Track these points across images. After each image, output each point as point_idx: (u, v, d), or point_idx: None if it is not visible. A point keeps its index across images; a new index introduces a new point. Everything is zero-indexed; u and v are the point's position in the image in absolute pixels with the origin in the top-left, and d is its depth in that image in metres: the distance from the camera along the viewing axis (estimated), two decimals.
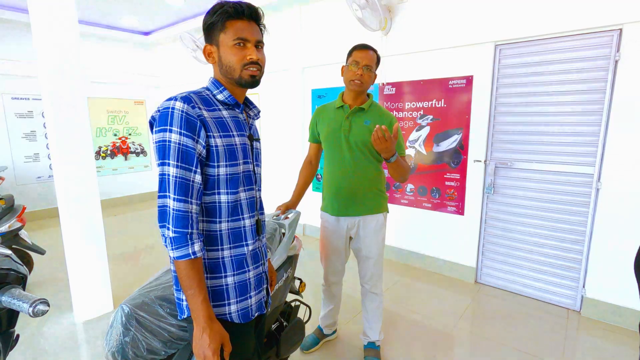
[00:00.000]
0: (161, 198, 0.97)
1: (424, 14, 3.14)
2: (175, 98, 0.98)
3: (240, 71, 1.04)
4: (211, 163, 1.02)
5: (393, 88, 3.46)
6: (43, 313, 0.91)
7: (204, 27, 1.07)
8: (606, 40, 2.41)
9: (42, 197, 5.21)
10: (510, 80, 2.81)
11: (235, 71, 1.04)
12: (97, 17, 4.92)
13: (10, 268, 0.98)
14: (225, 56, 1.04)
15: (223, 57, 1.04)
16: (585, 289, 2.64)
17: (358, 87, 1.81)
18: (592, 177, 2.55)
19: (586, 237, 2.62)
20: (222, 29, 1.03)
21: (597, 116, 2.49)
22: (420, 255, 3.49)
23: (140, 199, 6.46)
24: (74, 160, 2.45)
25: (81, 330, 2.48)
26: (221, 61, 1.05)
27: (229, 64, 1.04)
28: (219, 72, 1.08)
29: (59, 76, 2.35)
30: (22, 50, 4.82)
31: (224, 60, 1.04)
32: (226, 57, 1.04)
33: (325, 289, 2.21)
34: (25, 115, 5.00)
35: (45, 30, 2.28)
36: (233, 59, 1.03)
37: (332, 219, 2.00)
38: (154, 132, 0.98)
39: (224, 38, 1.03)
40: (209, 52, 1.08)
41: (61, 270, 3.37)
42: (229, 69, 1.04)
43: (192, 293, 0.97)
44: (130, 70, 6.11)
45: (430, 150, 3.28)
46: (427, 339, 2.39)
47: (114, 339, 1.16)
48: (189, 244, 0.96)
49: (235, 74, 1.05)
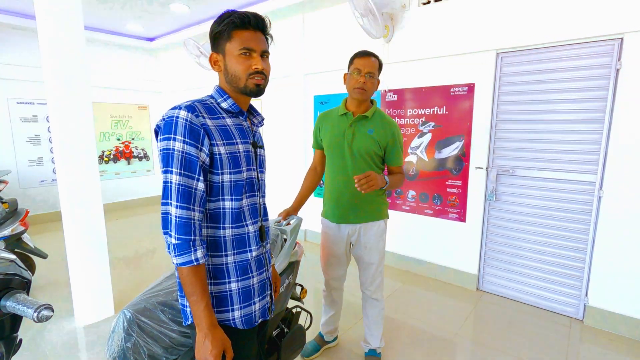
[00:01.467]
0: (164, 205, 0.98)
1: (425, 22, 3.16)
2: (179, 107, 1.00)
3: (245, 80, 1.06)
4: (215, 170, 1.03)
5: (395, 95, 3.48)
6: (47, 319, 0.92)
7: (211, 36, 1.08)
8: (607, 49, 2.42)
9: (45, 201, 5.24)
10: (512, 88, 2.82)
11: (240, 80, 1.06)
12: (103, 23, 4.98)
13: (14, 273, 0.98)
14: (231, 65, 1.06)
15: (229, 66, 1.06)
16: (588, 298, 2.62)
17: (361, 95, 1.81)
18: (594, 184, 2.55)
19: (588, 245, 2.61)
20: (229, 39, 1.04)
21: (599, 124, 2.49)
22: (422, 262, 3.48)
23: (142, 203, 6.48)
24: (78, 165, 2.47)
25: (82, 335, 2.48)
26: (227, 70, 1.07)
27: (234, 73, 1.06)
28: (224, 80, 1.10)
29: (64, 81, 2.37)
30: (28, 56, 4.88)
31: (229, 69, 1.06)
32: (232, 66, 1.06)
33: (326, 295, 2.21)
34: (30, 120, 5.04)
35: (52, 37, 2.31)
36: (239, 68, 1.05)
37: (333, 226, 2.00)
38: (158, 140, 1.00)
39: (230, 47, 1.05)
40: (215, 61, 1.10)
41: (63, 274, 3.37)
42: (234, 77, 1.06)
43: (195, 300, 0.98)
44: (135, 76, 6.17)
45: (432, 157, 3.29)
46: (428, 347, 2.38)
47: (115, 344, 1.17)
48: (192, 251, 0.97)
49: (240, 83, 1.06)
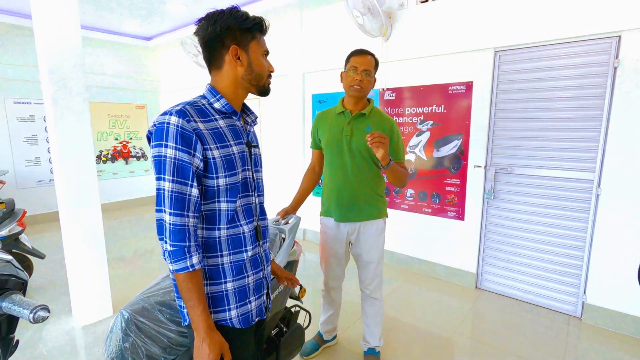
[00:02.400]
0: (158, 212, 0.98)
1: (424, 20, 3.16)
2: (170, 112, 0.98)
3: (265, 79, 1.12)
4: (210, 175, 1.02)
5: (393, 93, 3.48)
6: (43, 319, 0.91)
7: (234, 28, 1.03)
8: (605, 47, 2.42)
9: (42, 201, 5.22)
10: (510, 86, 2.82)
11: (262, 79, 1.12)
12: (99, 22, 4.95)
13: (10, 274, 0.98)
14: (257, 63, 1.09)
15: (255, 63, 1.09)
16: (586, 295, 2.63)
17: (358, 93, 1.82)
18: (592, 182, 2.55)
19: (586, 242, 2.61)
20: (254, 38, 1.08)
21: (597, 122, 2.50)
22: (421, 261, 3.48)
23: (140, 202, 6.47)
24: (75, 165, 2.46)
25: (80, 335, 2.47)
26: (251, 67, 1.08)
27: (259, 71, 1.10)
28: (241, 75, 1.07)
29: (61, 81, 2.36)
30: (25, 55, 4.85)
31: (255, 66, 1.09)
32: (258, 64, 1.09)
33: (325, 294, 2.21)
34: (27, 120, 5.02)
35: (48, 36, 2.30)
36: (263, 68, 1.11)
37: (332, 224, 2.00)
38: (151, 146, 0.99)
39: (255, 47, 1.08)
40: (237, 54, 1.05)
41: (61, 274, 3.37)
42: (258, 76, 1.10)
43: (192, 304, 0.98)
44: (132, 75, 6.14)
45: (431, 155, 3.29)
46: (427, 345, 2.38)
47: (113, 345, 1.17)
48: (187, 257, 0.97)
49: (262, 81, 1.12)
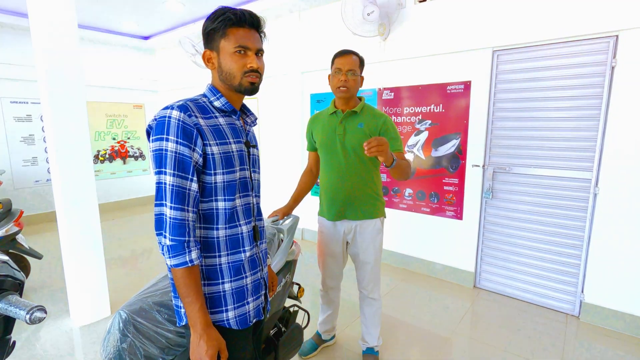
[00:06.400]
0: (158, 206, 0.97)
1: (422, 20, 3.16)
2: (172, 107, 0.98)
3: (240, 78, 1.05)
4: (208, 171, 1.02)
5: (392, 93, 3.48)
6: (40, 320, 0.91)
7: (204, 32, 1.06)
8: (603, 47, 2.42)
9: (39, 201, 5.19)
10: (508, 85, 2.82)
11: (235, 78, 1.05)
12: (97, 21, 4.93)
13: (7, 275, 0.97)
14: (226, 63, 1.04)
15: (223, 63, 1.05)
16: (584, 294, 2.64)
17: (345, 93, 1.83)
18: (590, 182, 2.56)
19: (584, 241, 2.62)
20: (223, 36, 1.03)
21: (595, 121, 2.50)
22: (419, 260, 3.49)
23: (138, 202, 6.44)
24: (72, 164, 2.45)
25: (78, 336, 2.47)
26: (221, 67, 1.05)
27: (229, 70, 1.04)
28: (218, 78, 1.08)
29: (58, 80, 2.35)
30: (21, 54, 4.82)
31: (224, 66, 1.05)
32: (226, 63, 1.04)
33: (323, 294, 2.21)
34: (24, 119, 4.99)
35: (45, 35, 2.28)
36: (234, 66, 1.04)
37: (329, 224, 2.00)
38: (150, 140, 0.98)
39: (224, 45, 1.03)
40: (209, 58, 1.08)
41: (58, 274, 3.35)
42: (229, 75, 1.05)
43: (189, 301, 0.97)
44: (130, 75, 6.12)
45: (429, 154, 3.29)
46: (425, 344, 2.38)
47: (111, 345, 1.16)
48: (186, 252, 0.96)
49: (235, 81, 1.05)
